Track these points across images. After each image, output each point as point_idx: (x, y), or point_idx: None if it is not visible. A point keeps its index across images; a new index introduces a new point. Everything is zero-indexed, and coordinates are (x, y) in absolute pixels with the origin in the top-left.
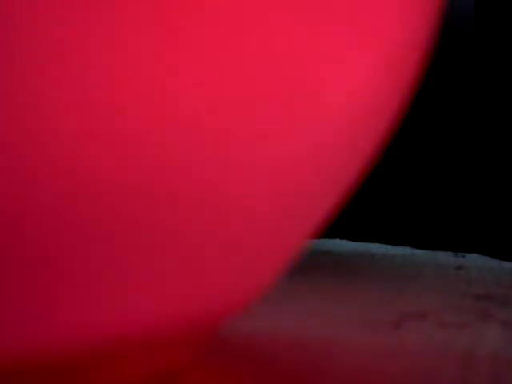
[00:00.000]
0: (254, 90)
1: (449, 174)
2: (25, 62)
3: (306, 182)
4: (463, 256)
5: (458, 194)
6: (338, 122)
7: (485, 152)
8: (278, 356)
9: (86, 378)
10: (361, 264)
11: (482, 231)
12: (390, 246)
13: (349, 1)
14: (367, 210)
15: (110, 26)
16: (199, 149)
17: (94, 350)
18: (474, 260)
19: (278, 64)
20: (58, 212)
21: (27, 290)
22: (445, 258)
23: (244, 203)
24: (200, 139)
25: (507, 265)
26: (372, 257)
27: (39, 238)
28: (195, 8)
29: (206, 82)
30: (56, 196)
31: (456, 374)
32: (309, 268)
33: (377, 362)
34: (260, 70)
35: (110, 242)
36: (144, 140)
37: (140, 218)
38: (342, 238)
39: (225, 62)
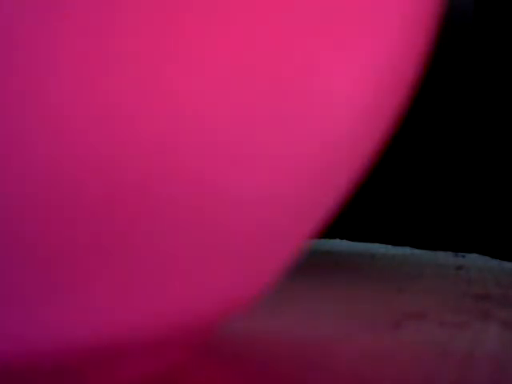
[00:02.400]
0: (254, 89)
1: (448, 174)
2: (24, 60)
3: (306, 181)
4: (463, 256)
5: (458, 194)
6: (338, 121)
7: (485, 152)
8: (277, 356)
9: (86, 378)
10: (361, 264)
11: (482, 231)
12: (390, 246)
13: (348, 1)
14: (367, 210)
15: (109, 26)
16: (198, 149)
17: (94, 350)
18: (474, 260)
19: (278, 64)
20: (58, 212)
21: (27, 290)
22: (445, 258)
23: (244, 203)
24: (199, 139)
25: (507, 265)
26: (372, 257)
27: (39, 238)
28: (197, 9)
29: (207, 81)
30: (55, 196)
31: (456, 374)
32: (309, 268)
33: (376, 361)
34: (260, 70)
35: (110, 242)
36: (144, 141)
37: (140, 218)
38: (341, 238)
39: (226, 63)
